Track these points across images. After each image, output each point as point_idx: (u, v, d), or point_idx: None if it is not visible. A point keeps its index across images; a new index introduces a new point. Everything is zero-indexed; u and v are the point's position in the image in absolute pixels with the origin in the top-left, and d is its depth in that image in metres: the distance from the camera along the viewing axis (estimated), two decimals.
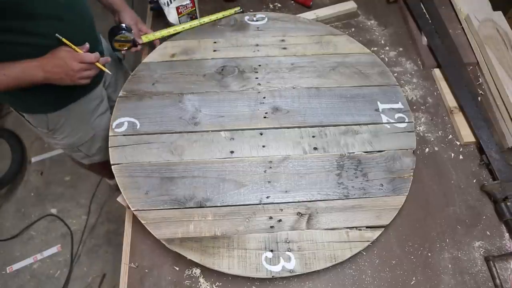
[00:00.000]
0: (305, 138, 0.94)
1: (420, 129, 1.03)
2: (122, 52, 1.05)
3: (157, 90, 1.02)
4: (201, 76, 1.05)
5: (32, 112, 1.02)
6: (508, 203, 0.88)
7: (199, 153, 0.91)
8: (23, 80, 0.84)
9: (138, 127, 0.95)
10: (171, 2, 1.16)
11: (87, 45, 0.89)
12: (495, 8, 1.22)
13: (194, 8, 1.15)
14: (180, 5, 1.11)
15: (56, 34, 0.84)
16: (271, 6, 1.29)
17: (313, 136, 0.95)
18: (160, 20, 1.24)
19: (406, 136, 0.95)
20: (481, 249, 0.85)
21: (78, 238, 1.77)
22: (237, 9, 1.18)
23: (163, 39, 1.12)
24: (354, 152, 0.92)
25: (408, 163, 0.91)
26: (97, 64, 0.91)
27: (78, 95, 1.04)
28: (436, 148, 1.00)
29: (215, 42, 1.12)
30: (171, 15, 1.13)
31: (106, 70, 0.94)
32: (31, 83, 0.85)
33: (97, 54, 0.90)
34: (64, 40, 0.85)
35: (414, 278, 0.81)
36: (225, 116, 0.97)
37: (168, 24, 1.17)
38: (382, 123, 0.97)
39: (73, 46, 0.86)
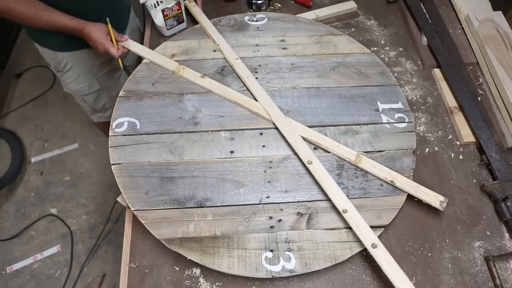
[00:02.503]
0: None
1: (420, 129, 1.03)
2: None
3: (157, 90, 1.02)
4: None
5: (43, 44, 1.14)
6: (508, 203, 0.88)
7: (199, 153, 0.91)
8: (66, 33, 1.01)
9: (138, 127, 0.95)
10: (158, 5, 1.16)
11: (126, 36, 1.08)
12: (495, 8, 1.22)
13: (180, 11, 1.15)
14: (166, 8, 1.11)
15: (107, 19, 1.00)
16: (271, 6, 1.29)
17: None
18: None
19: (406, 136, 0.95)
20: (481, 249, 0.85)
21: (78, 238, 1.77)
22: None
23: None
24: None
25: (408, 163, 0.91)
26: (119, 60, 1.07)
27: (82, 45, 1.10)
28: (436, 148, 1.00)
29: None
30: (157, 18, 1.13)
31: (121, 67, 1.12)
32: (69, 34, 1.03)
33: (119, 52, 1.03)
34: (109, 27, 1.02)
35: (414, 278, 0.81)
36: (225, 116, 0.97)
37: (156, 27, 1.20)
38: (382, 123, 0.97)
39: (113, 36, 1.02)
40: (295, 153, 0.91)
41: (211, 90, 1.01)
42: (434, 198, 0.85)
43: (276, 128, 0.95)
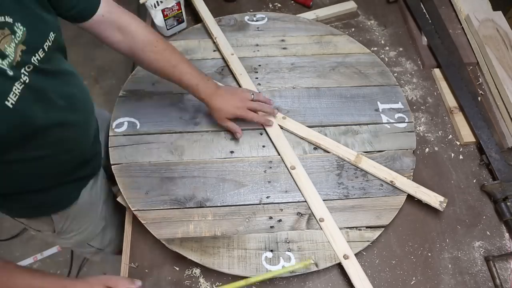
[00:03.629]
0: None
1: (420, 129, 1.03)
2: None
3: (157, 90, 1.02)
4: None
5: (32, 216, 0.88)
6: (508, 203, 0.88)
7: (199, 153, 0.91)
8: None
9: (138, 127, 0.95)
10: (158, 5, 1.16)
11: (139, 283, 0.75)
12: (495, 8, 1.22)
13: (180, 11, 1.14)
14: (166, 8, 1.11)
15: None
16: (271, 6, 1.29)
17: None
18: None
19: (406, 136, 0.95)
20: (481, 249, 0.85)
21: None
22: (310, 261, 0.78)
23: None
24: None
25: (408, 163, 0.91)
26: None
27: (83, 185, 0.89)
28: (436, 148, 1.00)
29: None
30: (157, 18, 1.13)
31: None
32: None
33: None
34: None
35: (414, 278, 0.81)
36: None
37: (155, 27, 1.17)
38: (382, 123, 0.97)
39: None
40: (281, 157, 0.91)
41: None
42: (433, 199, 0.85)
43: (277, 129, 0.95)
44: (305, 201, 0.85)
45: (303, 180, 0.86)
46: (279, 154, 0.91)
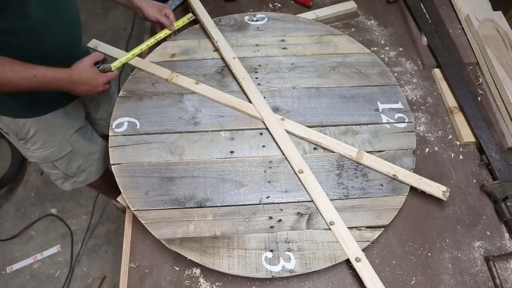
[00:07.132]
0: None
1: (420, 129, 1.03)
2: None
3: (157, 90, 1.02)
4: (201, 76, 1.05)
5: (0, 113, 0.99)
6: (508, 203, 0.88)
7: (199, 153, 0.91)
8: (48, 87, 0.88)
9: (138, 127, 0.95)
10: None
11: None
12: (495, 8, 1.22)
13: None
14: None
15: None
16: (271, 6, 1.29)
17: None
18: None
19: (406, 136, 0.95)
20: (481, 249, 0.85)
21: (78, 238, 1.77)
22: (189, 16, 1.16)
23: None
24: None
25: (408, 163, 0.91)
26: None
27: (51, 107, 1.03)
28: (436, 148, 1.00)
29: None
30: None
31: None
32: (52, 89, 0.89)
33: (116, 72, 0.99)
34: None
35: (414, 278, 0.81)
36: (225, 116, 0.97)
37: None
38: (382, 123, 0.97)
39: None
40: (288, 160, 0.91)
41: (206, 95, 1.00)
42: (436, 189, 0.86)
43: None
44: (313, 202, 0.85)
45: (312, 184, 0.86)
46: (286, 159, 0.90)
